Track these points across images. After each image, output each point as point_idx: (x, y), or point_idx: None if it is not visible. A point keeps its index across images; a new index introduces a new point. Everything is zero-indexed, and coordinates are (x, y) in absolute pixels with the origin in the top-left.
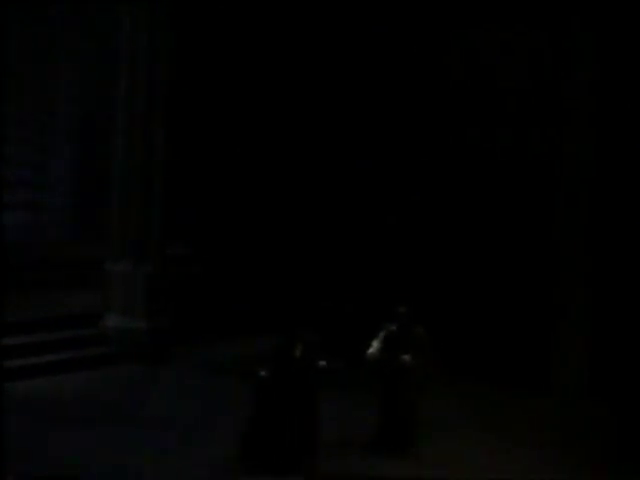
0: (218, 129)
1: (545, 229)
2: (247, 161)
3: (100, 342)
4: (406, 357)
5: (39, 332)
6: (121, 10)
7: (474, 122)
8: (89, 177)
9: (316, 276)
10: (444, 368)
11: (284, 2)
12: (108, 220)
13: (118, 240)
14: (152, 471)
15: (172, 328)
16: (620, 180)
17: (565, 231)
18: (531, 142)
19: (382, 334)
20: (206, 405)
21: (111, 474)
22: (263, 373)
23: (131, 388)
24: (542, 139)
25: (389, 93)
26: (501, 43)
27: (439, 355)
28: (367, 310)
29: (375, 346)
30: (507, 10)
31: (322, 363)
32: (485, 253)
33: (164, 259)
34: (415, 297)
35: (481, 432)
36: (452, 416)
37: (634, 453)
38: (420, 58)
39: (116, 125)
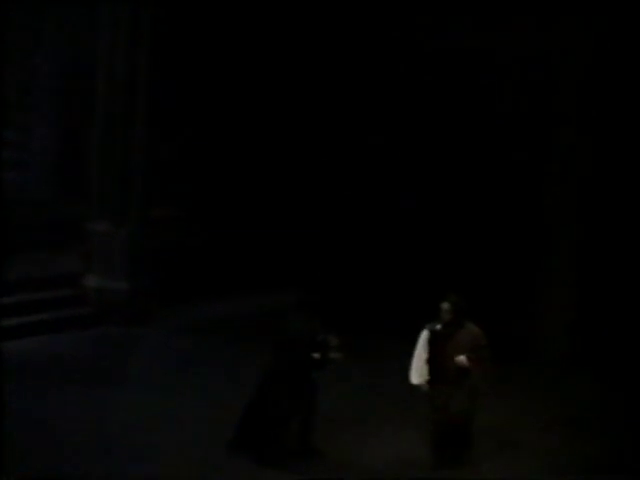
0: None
1: (536, 197)
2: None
3: (80, 303)
4: (461, 357)
5: (19, 293)
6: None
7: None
8: (71, 135)
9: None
10: None
11: None
12: (90, 180)
13: (99, 200)
14: (130, 433)
15: (154, 289)
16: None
17: (556, 200)
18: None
19: (424, 337)
20: (185, 367)
21: (89, 435)
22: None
23: (110, 349)
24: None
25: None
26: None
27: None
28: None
29: (418, 366)
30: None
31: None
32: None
33: (146, 220)
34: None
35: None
36: None
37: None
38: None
39: (97, 80)
